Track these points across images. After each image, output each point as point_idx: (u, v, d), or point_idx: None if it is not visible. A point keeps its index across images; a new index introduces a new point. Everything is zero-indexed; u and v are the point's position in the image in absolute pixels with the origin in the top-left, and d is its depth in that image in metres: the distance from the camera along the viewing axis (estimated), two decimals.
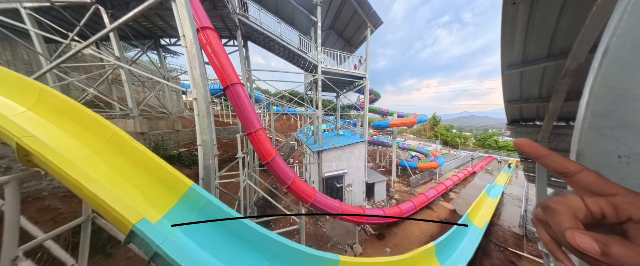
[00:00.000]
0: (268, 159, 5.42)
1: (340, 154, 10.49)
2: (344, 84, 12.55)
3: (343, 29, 11.94)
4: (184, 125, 11.28)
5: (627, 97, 0.58)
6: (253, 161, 7.75)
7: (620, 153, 0.59)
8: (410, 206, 9.83)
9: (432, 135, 44.63)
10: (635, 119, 0.57)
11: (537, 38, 1.95)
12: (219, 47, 4.93)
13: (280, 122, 27.55)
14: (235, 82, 5.04)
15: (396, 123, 14.98)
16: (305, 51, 9.38)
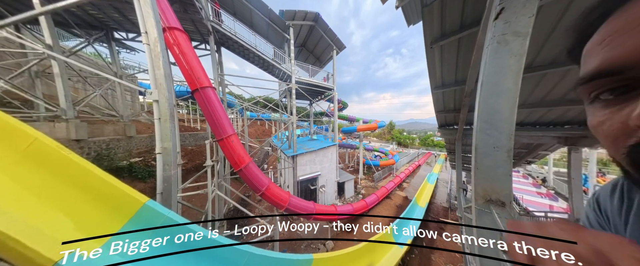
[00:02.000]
0: (241, 166, 4.85)
1: (314, 157, 10.28)
2: (316, 93, 12.54)
3: (313, 48, 12.13)
4: (140, 130, 9.22)
5: (495, 111, 0.91)
6: (224, 169, 6.84)
7: (493, 145, 0.92)
8: (373, 199, 10.59)
9: (389, 138, 51.05)
10: (500, 124, 0.90)
11: (447, 70, 2.56)
12: (188, 49, 4.28)
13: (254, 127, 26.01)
14: (206, 86, 4.42)
15: (362, 128, 16.16)
16: (280, 62, 9.07)
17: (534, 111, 3.02)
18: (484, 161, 0.92)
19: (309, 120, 14.21)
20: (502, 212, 0.84)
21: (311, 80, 10.84)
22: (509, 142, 0.87)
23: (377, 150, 22.11)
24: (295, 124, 9.56)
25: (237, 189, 8.43)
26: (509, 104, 0.87)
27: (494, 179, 0.89)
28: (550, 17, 1.44)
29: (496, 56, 0.88)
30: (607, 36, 0.17)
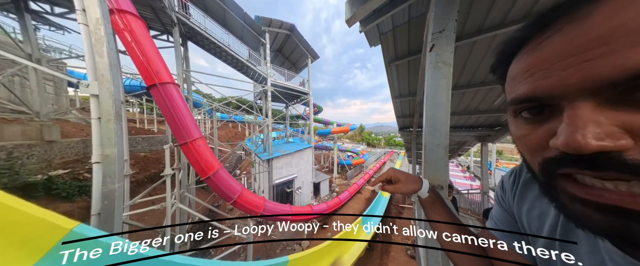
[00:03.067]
0: (209, 173, 4.21)
1: (291, 160, 9.87)
2: (292, 97, 12.21)
3: (289, 54, 11.89)
4: (68, 133, 6.78)
5: (436, 118, 1.13)
6: (188, 177, 5.77)
7: (436, 143, 1.14)
8: (346, 195, 10.96)
9: (360, 139, 55.45)
10: (440, 127, 1.12)
11: (403, 84, 3.04)
12: (145, 38, 3.53)
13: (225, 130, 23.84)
14: (167, 82, 3.71)
15: (336, 131, 16.90)
16: (255, 64, 8.50)
17: (461, 117, 4.00)
18: (430, 155, 1.16)
19: (285, 123, 13.71)
20: (441, 193, 1.04)
21: (287, 84, 10.51)
22: (446, 141, 1.14)
23: (350, 150, 23.01)
24: (270, 127, 9.01)
25: (204, 200, 7.37)
26: (444, 113, 1.13)
27: (437, 169, 1.14)
28: (464, 54, 2.08)
29: (433, 78, 1.14)
30: (531, 68, 0.20)
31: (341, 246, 5.69)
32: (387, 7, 1.50)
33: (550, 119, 0.20)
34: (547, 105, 0.20)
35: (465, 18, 1.62)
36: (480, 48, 1.92)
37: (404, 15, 1.73)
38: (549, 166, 0.21)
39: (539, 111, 0.21)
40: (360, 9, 1.38)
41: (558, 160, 0.19)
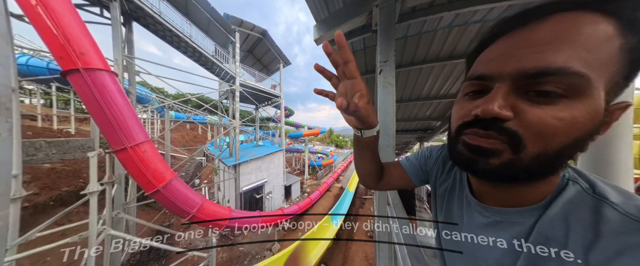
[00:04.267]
0: (158, 185, 3.30)
1: (260, 164, 9.06)
2: (263, 99, 11.40)
3: (260, 57, 11.21)
4: None
5: (386, 124, 1.39)
6: (127, 193, 4.35)
7: (386, 144, 1.38)
8: (317, 194, 11.01)
9: (329, 141, 57.92)
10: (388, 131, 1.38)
11: None
12: (63, 5, 2.52)
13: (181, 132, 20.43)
14: (98, 68, 2.75)
15: (307, 133, 16.64)
16: (222, 61, 7.51)
17: (405, 123, 5.14)
18: (382, 154, 1.34)
19: (255, 125, 12.64)
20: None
21: (258, 85, 9.73)
22: (393, 141, 1.39)
23: (320, 152, 23.22)
24: (238, 129, 8.06)
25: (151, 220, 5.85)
26: (391, 120, 1.41)
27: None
28: (403, 78, 2.80)
29: (382, 93, 1.42)
30: (486, 58, 0.27)
31: (311, 242, 6.13)
32: (346, 36, 1.77)
33: (479, 99, 0.27)
34: (486, 85, 0.26)
35: (401, 54, 2.26)
36: (414, 75, 2.71)
37: (360, 44, 2.11)
38: (462, 127, 0.28)
39: (477, 94, 0.27)
40: (325, 33, 1.66)
41: (469, 122, 0.27)
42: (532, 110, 0.22)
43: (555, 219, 0.25)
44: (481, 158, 0.25)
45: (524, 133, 0.22)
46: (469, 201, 0.34)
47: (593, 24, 0.20)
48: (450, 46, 2.07)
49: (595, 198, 0.24)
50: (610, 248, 0.21)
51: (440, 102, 3.62)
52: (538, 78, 0.21)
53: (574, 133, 0.21)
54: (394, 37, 1.36)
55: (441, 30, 1.85)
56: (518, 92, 0.23)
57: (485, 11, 1.53)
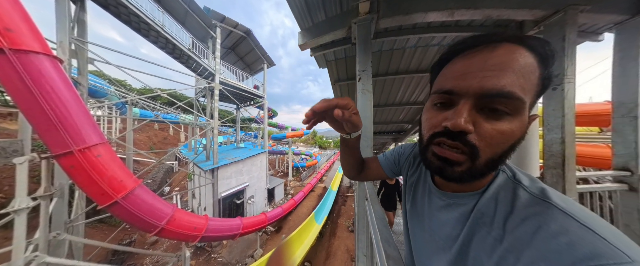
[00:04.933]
0: (116, 196, 2.72)
1: (242, 167, 8.42)
2: (245, 98, 10.74)
3: (243, 55, 10.61)
4: None
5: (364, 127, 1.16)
6: (72, 208, 3.43)
7: (365, 145, 1.46)
8: (301, 195, 10.84)
9: (313, 143, 58.97)
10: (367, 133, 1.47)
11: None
12: None
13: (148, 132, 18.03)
14: (33, 50, 2.14)
15: (291, 135, 16.31)
16: (200, 55, 6.81)
17: (382, 126, 5.60)
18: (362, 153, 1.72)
19: (236, 126, 11.81)
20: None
21: (240, 84, 9.12)
22: (371, 142, 1.50)
23: (304, 153, 22.92)
24: (216, 130, 7.37)
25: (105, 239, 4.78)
26: (369, 123, 1.51)
27: None
28: (380, 85, 3.13)
29: (361, 99, 1.49)
30: (453, 74, 0.31)
31: (295, 242, 6.15)
32: (329, 45, 1.89)
33: (447, 110, 0.31)
34: (452, 99, 0.30)
35: (377, 65, 2.56)
36: (388, 83, 3.07)
37: (342, 53, 2.27)
38: (433, 136, 0.32)
39: (445, 105, 0.31)
40: (309, 41, 1.74)
41: (439, 133, 0.31)
42: (487, 124, 0.28)
43: (489, 200, 0.33)
44: (447, 166, 0.31)
45: (480, 145, 0.28)
46: (431, 189, 0.43)
47: (526, 57, 0.27)
48: (416, 61, 2.49)
49: (514, 182, 0.33)
50: (518, 217, 0.28)
51: (410, 108, 4.09)
52: (494, 98, 0.27)
53: (511, 141, 0.29)
54: (370, 50, 1.50)
55: (408, 48, 2.23)
56: (477, 108, 0.28)
57: (441, 38, 1.99)
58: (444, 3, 1.35)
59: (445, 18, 1.41)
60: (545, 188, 0.29)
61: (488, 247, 0.30)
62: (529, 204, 0.28)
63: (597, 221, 0.23)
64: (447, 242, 0.37)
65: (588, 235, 0.22)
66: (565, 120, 1.33)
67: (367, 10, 1.41)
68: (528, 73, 0.26)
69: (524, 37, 0.27)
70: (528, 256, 0.24)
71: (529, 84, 0.27)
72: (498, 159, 0.29)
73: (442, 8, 1.35)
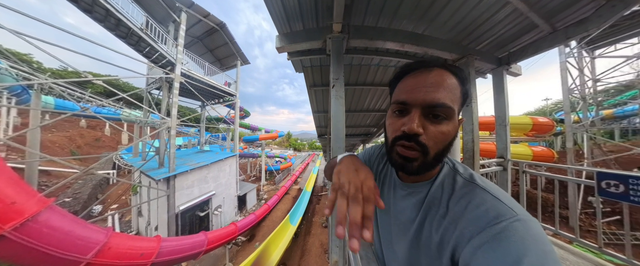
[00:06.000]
0: (3, 227, 1.71)
1: (206, 174, 7.15)
2: (213, 95, 9.36)
3: (214, 48, 9.37)
4: None
5: (338, 129, 1.66)
6: None
7: (338, 146, 1.68)
8: (275, 199, 10.40)
9: (288, 145, 57.30)
10: (340, 135, 1.66)
11: (320, 103, 3.95)
12: None
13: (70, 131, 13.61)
14: None
15: (264, 137, 15.47)
16: (156, 40, 5.48)
17: (352, 129, 6.14)
18: (334, 154, 1.63)
19: (200, 126, 10.10)
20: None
21: (207, 79, 7.85)
22: (343, 143, 1.65)
23: (278, 156, 21.83)
24: (174, 131, 6.05)
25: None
26: (342, 126, 1.66)
27: None
28: (350, 93, 3.46)
29: (335, 104, 1.65)
30: (406, 88, 0.39)
31: (270, 247, 5.99)
32: (306, 52, 2.03)
33: (404, 117, 0.38)
34: (407, 108, 0.38)
35: (348, 76, 2.87)
36: (358, 92, 3.46)
37: (317, 61, 2.45)
38: (396, 139, 0.38)
39: (401, 112, 0.39)
40: (287, 45, 1.83)
41: (400, 136, 0.38)
42: (431, 127, 0.36)
43: (437, 186, 0.41)
44: (407, 163, 0.38)
45: (428, 143, 0.36)
46: (395, 182, 0.51)
47: (451, 78, 0.37)
48: (380, 76, 2.94)
49: (454, 171, 0.42)
50: (456, 197, 0.37)
51: (376, 114, 4.62)
52: (435, 108, 0.35)
53: (449, 139, 0.37)
54: (342, 62, 1.69)
55: (373, 66, 2.65)
56: (424, 115, 0.36)
57: (396, 61, 2.44)
58: (398, 38, 1.80)
59: (398, 48, 1.89)
60: (472, 173, 0.41)
61: (436, 223, 0.38)
62: (462, 186, 0.38)
63: (501, 192, 0.35)
64: (407, 225, 0.44)
65: (496, 202, 0.33)
66: (473, 127, 2.07)
67: (340, 30, 1.63)
68: (454, 89, 0.37)
69: (448, 65, 0.39)
70: (462, 224, 0.33)
71: (455, 97, 0.37)
72: (441, 153, 0.38)
73: (396, 40, 1.81)
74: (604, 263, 1.52)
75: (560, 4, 1.52)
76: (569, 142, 5.81)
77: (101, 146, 13.74)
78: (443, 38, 1.96)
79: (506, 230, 0.28)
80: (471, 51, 2.06)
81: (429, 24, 1.80)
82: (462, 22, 1.76)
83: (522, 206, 0.32)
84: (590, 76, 6.41)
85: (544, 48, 1.90)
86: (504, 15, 1.65)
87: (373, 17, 1.74)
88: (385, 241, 0.54)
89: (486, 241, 0.29)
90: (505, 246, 0.27)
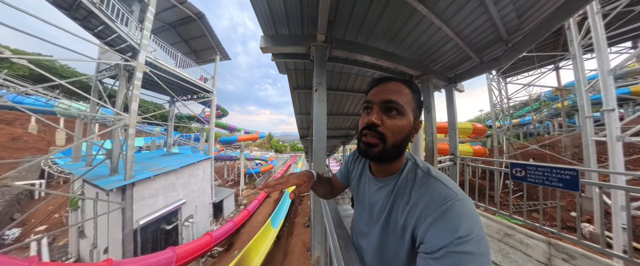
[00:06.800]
0: None
1: (174, 180, 6.11)
2: (185, 90, 8.18)
3: (189, 38, 8.26)
4: None
5: (319, 131, 1.77)
6: None
7: (319, 148, 1.79)
8: (255, 203, 9.91)
9: (269, 146, 55.34)
10: (321, 137, 1.76)
11: (303, 105, 4.05)
12: None
13: None
14: None
15: (243, 138, 14.13)
16: (114, 18, 4.41)
17: (333, 131, 6.37)
18: (316, 155, 1.72)
19: (168, 125, 8.66)
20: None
21: (180, 72, 6.80)
22: (324, 145, 1.77)
23: (258, 158, 20.51)
24: (133, 130, 4.98)
25: None
26: (323, 128, 1.75)
27: (320, 163, 1.76)
28: (331, 97, 3.65)
29: (317, 107, 1.74)
30: (371, 94, 0.50)
31: (250, 253, 5.71)
32: (290, 56, 2.10)
33: (369, 113, 0.48)
34: (370, 106, 0.48)
35: (330, 81, 3.05)
36: (339, 97, 3.66)
37: (301, 65, 2.55)
38: (363, 130, 0.47)
39: (367, 110, 0.50)
40: (272, 47, 1.88)
41: (364, 127, 0.47)
42: (387, 120, 0.45)
43: (403, 179, 0.49)
44: (370, 148, 0.46)
45: (386, 133, 0.45)
46: (369, 178, 0.59)
47: (404, 88, 0.48)
48: (358, 84, 3.27)
49: (415, 166, 0.50)
50: (417, 186, 0.45)
51: (355, 117, 4.89)
52: (388, 104, 0.46)
53: (404, 132, 0.46)
54: (325, 69, 1.82)
55: (353, 74, 2.93)
56: (382, 110, 0.46)
57: (372, 72, 2.76)
58: (373, 53, 2.09)
59: (374, 61, 2.21)
60: (429, 167, 0.49)
61: (402, 209, 0.46)
62: (421, 177, 0.46)
63: (449, 180, 0.44)
64: (379, 214, 0.52)
65: (444, 188, 0.41)
66: (433, 130, 2.53)
67: (323, 39, 1.77)
68: (406, 95, 0.47)
69: (405, 80, 0.50)
70: (420, 207, 0.41)
71: (407, 100, 0.47)
72: (399, 145, 0.47)
73: (372, 55, 2.09)
74: (512, 225, 2.15)
75: (483, 45, 2.20)
76: (495, 142, 8.38)
77: (22, 148, 10.50)
78: (409, 57, 2.38)
79: (450, 208, 0.37)
80: (430, 70, 2.59)
81: (398, 45, 2.17)
82: (422, 48, 2.20)
83: (464, 190, 0.43)
84: (505, 95, 8.92)
85: (476, 73, 2.61)
86: (450, 46, 2.17)
87: (353, 33, 1.95)
88: (361, 232, 0.63)
89: (436, 218, 0.37)
90: (449, 219, 0.36)
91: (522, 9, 1.70)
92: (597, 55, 3.86)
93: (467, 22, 1.83)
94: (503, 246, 1.81)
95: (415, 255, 0.40)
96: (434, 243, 0.35)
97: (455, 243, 0.33)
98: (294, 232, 8.35)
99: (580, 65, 4.87)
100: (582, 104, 4.66)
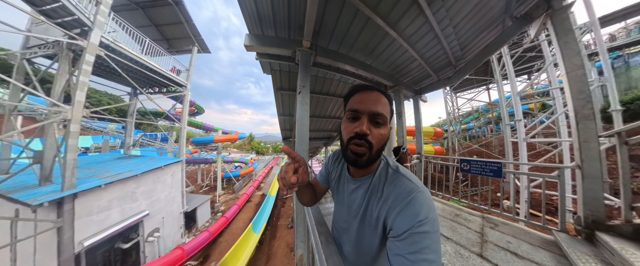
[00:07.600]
0: None
1: (134, 188, 5.02)
2: (151, 82, 6.93)
3: (163, 25, 7.08)
4: None
5: (302, 132, 1.93)
6: None
7: (302, 149, 1.91)
8: (235, 209, 9.27)
9: (249, 148, 51.95)
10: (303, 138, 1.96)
11: (286, 106, 4.05)
12: None
13: None
14: None
15: (221, 139, 12.71)
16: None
17: (316, 133, 6.47)
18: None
19: (126, 122, 7.13)
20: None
21: (146, 60, 5.70)
22: (307, 147, 1.84)
23: (238, 161, 18.74)
24: (77, 126, 3.89)
25: None
26: (306, 130, 1.81)
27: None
28: (315, 101, 3.83)
29: (300, 109, 1.82)
30: (355, 101, 0.53)
31: (229, 263, 5.42)
32: (276, 57, 2.13)
33: (355, 122, 0.50)
34: (358, 115, 0.50)
35: (314, 85, 3.17)
36: (322, 100, 3.80)
37: (286, 67, 2.59)
38: (350, 139, 0.50)
39: (354, 118, 0.51)
40: (257, 46, 1.89)
41: (352, 137, 0.49)
42: (375, 130, 0.49)
43: (377, 178, 0.55)
44: (358, 157, 0.49)
45: (373, 141, 0.49)
46: (347, 178, 0.64)
47: (383, 98, 0.52)
48: (340, 89, 3.44)
49: (387, 165, 0.56)
50: (388, 183, 0.52)
51: (337, 120, 5.16)
52: (377, 116, 0.49)
53: (385, 139, 0.51)
54: (309, 73, 1.92)
55: (335, 80, 3.09)
56: (370, 121, 0.49)
57: (353, 80, 3.01)
58: (353, 63, 2.32)
59: (354, 71, 2.45)
60: (398, 166, 0.56)
61: (376, 204, 0.52)
62: (392, 175, 0.53)
63: (413, 176, 0.51)
64: (357, 210, 0.58)
65: (409, 183, 0.48)
66: (404, 133, 3.06)
67: (309, 46, 1.88)
68: (386, 105, 0.52)
69: (381, 90, 0.54)
70: (390, 201, 0.48)
71: (387, 110, 0.51)
72: (380, 150, 0.51)
73: (352, 65, 2.34)
74: (460, 207, 2.58)
75: (439, 67, 2.77)
76: (449, 143, 10.35)
77: None
78: (384, 70, 2.73)
79: (413, 199, 0.44)
80: (400, 82, 3.02)
81: (375, 59, 2.47)
82: (394, 63, 2.60)
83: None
84: (456, 106, 11.21)
85: (435, 88, 3.24)
86: (416, 65, 2.65)
87: (336, 44, 2.14)
88: (341, 228, 0.68)
89: (402, 208, 0.45)
90: (411, 208, 0.43)
91: (463, 43, 2.31)
92: (510, 81, 5.53)
93: (427, 48, 2.28)
94: (453, 224, 2.18)
95: (386, 240, 0.48)
96: (400, 228, 0.43)
97: (416, 225, 0.41)
98: (277, 234, 8.04)
99: (500, 88, 6.57)
100: (503, 115, 6.09)
